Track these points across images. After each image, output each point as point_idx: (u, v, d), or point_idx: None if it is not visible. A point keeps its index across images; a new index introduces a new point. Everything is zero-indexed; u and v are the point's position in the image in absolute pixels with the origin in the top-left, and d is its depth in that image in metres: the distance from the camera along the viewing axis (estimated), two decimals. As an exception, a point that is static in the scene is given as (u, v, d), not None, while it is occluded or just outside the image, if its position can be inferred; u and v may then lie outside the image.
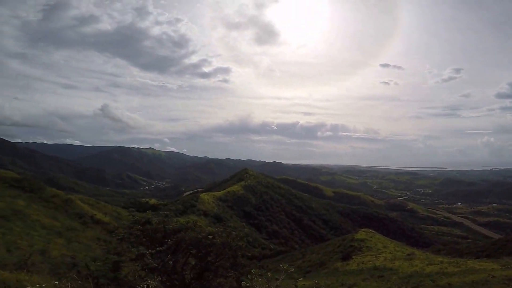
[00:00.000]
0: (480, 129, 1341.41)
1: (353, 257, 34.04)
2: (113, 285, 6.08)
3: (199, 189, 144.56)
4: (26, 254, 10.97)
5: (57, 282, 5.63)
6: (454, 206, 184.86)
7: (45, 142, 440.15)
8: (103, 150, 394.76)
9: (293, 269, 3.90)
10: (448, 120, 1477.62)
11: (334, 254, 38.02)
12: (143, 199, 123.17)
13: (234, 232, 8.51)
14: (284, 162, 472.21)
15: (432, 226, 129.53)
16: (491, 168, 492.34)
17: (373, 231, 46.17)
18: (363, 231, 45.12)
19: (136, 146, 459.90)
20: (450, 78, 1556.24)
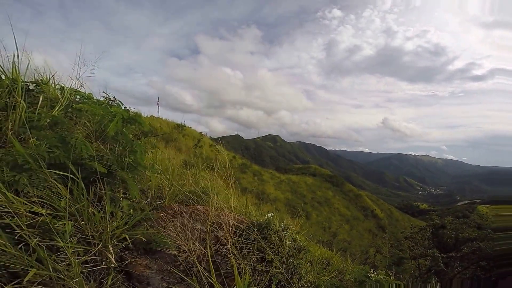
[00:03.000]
0: None
1: None
2: (395, 278, 6.32)
3: (477, 200, 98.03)
4: (331, 235, 12.72)
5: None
6: None
7: (346, 149, 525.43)
8: (385, 157, 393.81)
9: None
10: None
11: None
12: (415, 203, 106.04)
13: None
14: None
15: None
16: None
17: None
18: None
19: (413, 153, 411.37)
20: None
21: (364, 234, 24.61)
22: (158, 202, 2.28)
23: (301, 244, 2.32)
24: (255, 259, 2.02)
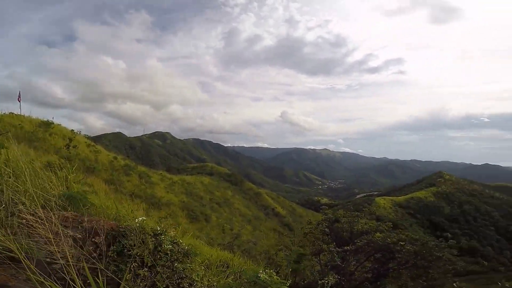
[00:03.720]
0: None
1: None
2: (292, 275, 6.28)
3: (375, 192, 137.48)
4: (232, 237, 13.98)
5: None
6: None
7: (245, 145, 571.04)
8: (284, 152, 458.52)
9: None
10: None
11: None
12: (316, 198, 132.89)
13: (432, 242, 7.94)
14: (503, 164, 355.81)
15: None
16: None
17: None
18: None
19: (312, 148, 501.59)
20: None
21: (269, 233, 28.58)
22: (16, 208, 2.36)
23: (186, 248, 2.69)
24: (136, 264, 2.34)
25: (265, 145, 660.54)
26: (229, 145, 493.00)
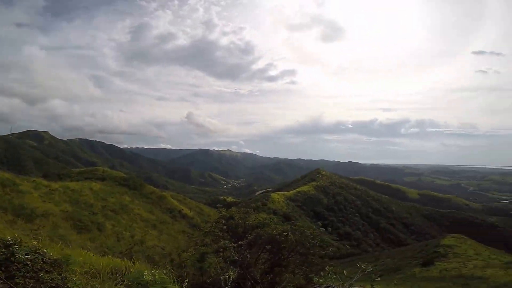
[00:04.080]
0: None
1: (436, 263, 31.15)
2: (198, 274, 6.60)
3: (270, 189, 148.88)
4: (131, 244, 12.89)
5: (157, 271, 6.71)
6: None
7: (145, 147, 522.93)
8: (189, 153, 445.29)
9: (371, 268, 3.81)
10: None
11: (413, 259, 35.44)
12: (222, 197, 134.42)
13: (308, 231, 8.68)
14: (361, 162, 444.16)
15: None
16: None
17: (465, 237, 41.12)
18: (452, 237, 41.10)
19: (216, 149, 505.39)
20: None
21: (177, 236, 26.87)
22: None
23: (54, 257, 2.61)
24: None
25: (169, 146, 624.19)
26: (126, 146, 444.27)
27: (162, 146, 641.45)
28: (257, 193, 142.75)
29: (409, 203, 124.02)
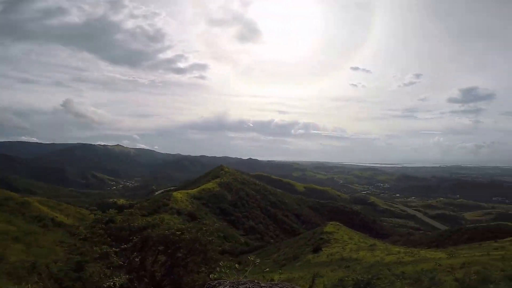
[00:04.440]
0: (432, 130, 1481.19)
1: (323, 249, 35.84)
2: (78, 285, 6.08)
3: (172, 188, 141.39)
4: None
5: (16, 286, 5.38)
6: (409, 200, 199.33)
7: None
8: (65, 148, 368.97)
9: (259, 260, 4.01)
10: (406, 121, 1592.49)
11: (306, 247, 39.63)
12: (111, 199, 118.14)
13: (204, 228, 8.64)
14: (259, 158, 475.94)
15: (390, 219, 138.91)
16: (439, 165, 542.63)
17: (340, 224, 48.80)
18: (331, 224, 47.62)
19: (102, 143, 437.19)
20: (411, 83, 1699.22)
21: (55, 248, 22.46)
22: None
23: None
24: None
25: (34, 140, 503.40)
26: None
27: (25, 139, 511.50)
28: (156, 193, 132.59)
29: (297, 196, 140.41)
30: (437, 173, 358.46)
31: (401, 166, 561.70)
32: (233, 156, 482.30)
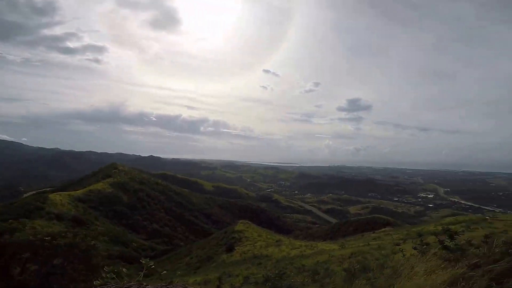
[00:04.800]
0: (324, 134, 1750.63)
1: (236, 248, 36.04)
2: None
3: (48, 189, 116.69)
4: None
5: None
6: (306, 196, 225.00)
7: None
8: None
9: (152, 263, 3.68)
10: (304, 125, 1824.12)
11: (219, 247, 39.12)
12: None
13: (83, 232, 7.35)
14: (162, 156, 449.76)
15: (291, 214, 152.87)
16: (329, 165, 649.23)
17: (249, 222, 50.34)
18: (241, 223, 48.64)
19: None
20: (311, 90, 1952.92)
21: None
22: None
23: None
24: None
25: None
26: None
27: None
28: (25, 195, 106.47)
29: (206, 195, 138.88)
30: (327, 172, 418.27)
31: (299, 165, 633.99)
32: (130, 153, 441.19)
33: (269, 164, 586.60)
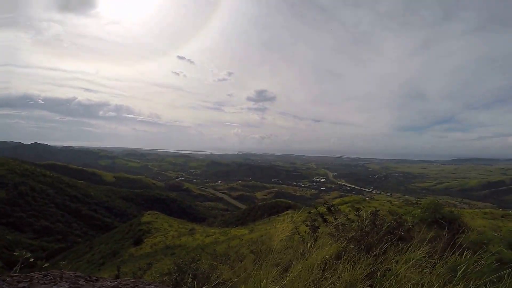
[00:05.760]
0: (234, 123, 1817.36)
1: (145, 240, 34.70)
2: None
3: None
4: None
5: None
6: (217, 184, 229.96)
7: None
8: None
9: (30, 255, 3.33)
10: (215, 113, 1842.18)
11: (125, 240, 36.92)
12: None
13: None
14: (50, 143, 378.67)
15: (204, 202, 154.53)
16: (237, 152, 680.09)
17: (158, 213, 49.23)
18: (149, 214, 47.13)
19: None
20: (224, 79, 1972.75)
21: None
22: None
23: None
24: None
25: None
26: None
27: None
28: None
29: (106, 187, 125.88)
30: (236, 159, 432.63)
31: (210, 153, 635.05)
32: (8, 140, 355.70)
33: (180, 152, 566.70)
